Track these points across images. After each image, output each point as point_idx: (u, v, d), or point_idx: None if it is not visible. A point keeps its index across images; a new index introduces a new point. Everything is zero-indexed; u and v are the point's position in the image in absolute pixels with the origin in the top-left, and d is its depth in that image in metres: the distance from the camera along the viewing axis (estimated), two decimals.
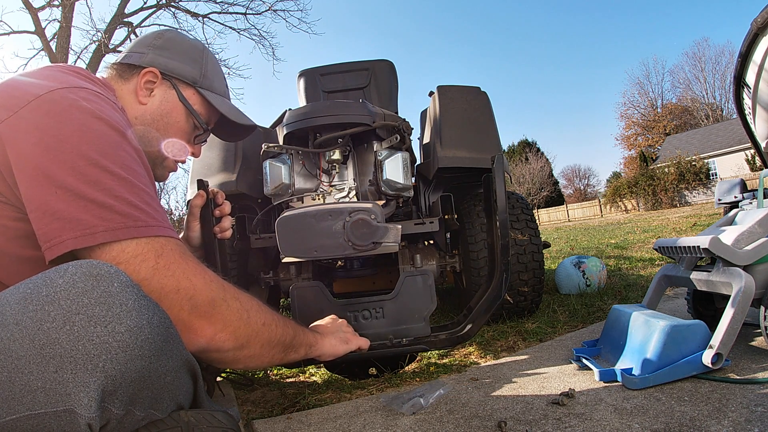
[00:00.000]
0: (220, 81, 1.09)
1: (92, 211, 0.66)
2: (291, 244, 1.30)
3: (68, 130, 0.68)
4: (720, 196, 1.66)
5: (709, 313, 1.46)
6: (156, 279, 0.69)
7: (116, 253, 0.67)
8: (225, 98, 1.10)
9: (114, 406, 0.56)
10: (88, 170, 0.67)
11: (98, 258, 0.66)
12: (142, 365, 0.58)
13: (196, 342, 0.73)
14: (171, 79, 0.99)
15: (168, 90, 0.98)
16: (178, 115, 0.99)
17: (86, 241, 0.65)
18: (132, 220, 0.69)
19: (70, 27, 10.53)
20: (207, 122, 1.06)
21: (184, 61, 1.01)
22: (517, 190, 29.60)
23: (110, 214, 0.67)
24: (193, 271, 0.74)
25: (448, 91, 1.93)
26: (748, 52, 1.55)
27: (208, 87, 1.04)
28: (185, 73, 1.00)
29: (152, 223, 0.71)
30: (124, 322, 0.57)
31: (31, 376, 0.52)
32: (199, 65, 1.03)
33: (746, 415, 0.90)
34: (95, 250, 0.67)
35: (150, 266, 0.69)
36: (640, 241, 5.32)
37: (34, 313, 0.53)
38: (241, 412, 1.27)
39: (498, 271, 1.38)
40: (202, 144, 1.11)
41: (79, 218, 0.65)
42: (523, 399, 1.14)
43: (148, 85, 0.96)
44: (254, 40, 12.84)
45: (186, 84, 1.01)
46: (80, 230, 0.65)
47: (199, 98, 1.02)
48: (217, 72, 1.09)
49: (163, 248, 0.71)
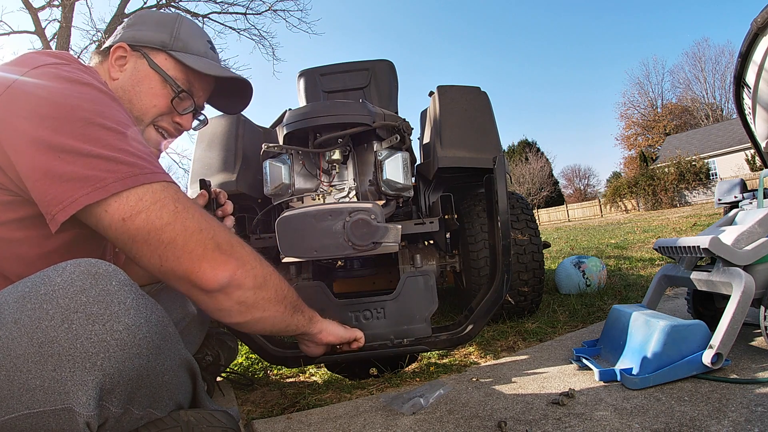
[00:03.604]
0: (199, 42, 1.04)
1: (99, 166, 0.66)
2: (291, 244, 1.30)
3: (59, 98, 0.68)
4: (720, 196, 1.65)
5: (709, 313, 1.46)
6: (179, 221, 0.71)
7: (134, 202, 0.67)
8: (206, 58, 1.04)
9: (112, 405, 0.56)
10: (86, 130, 0.67)
11: (114, 211, 0.66)
12: (140, 363, 0.58)
13: (220, 277, 0.75)
14: (140, 48, 0.96)
15: (138, 59, 0.96)
16: (151, 82, 0.96)
17: (98, 194, 0.65)
18: (139, 168, 0.69)
19: (70, 27, 10.52)
20: (188, 87, 1.01)
21: (153, 30, 0.98)
22: (517, 190, 29.58)
23: (117, 166, 0.67)
24: (207, 215, 0.78)
25: (448, 91, 1.93)
26: (748, 52, 1.55)
27: (182, 49, 0.99)
28: (154, 39, 0.97)
29: (158, 170, 0.72)
30: (123, 320, 0.57)
31: (29, 375, 0.52)
32: (169, 29, 0.99)
33: (746, 415, 0.90)
34: (110, 203, 0.66)
35: (171, 210, 0.70)
36: (640, 241, 5.32)
37: (33, 312, 0.53)
38: (241, 412, 1.27)
39: (499, 272, 1.38)
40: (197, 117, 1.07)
41: (87, 175, 0.65)
42: (523, 399, 1.14)
43: (119, 60, 0.95)
44: (254, 40, 12.85)
45: (156, 50, 0.97)
46: (91, 186, 0.65)
47: (172, 62, 0.98)
48: (195, 34, 1.04)
49: (177, 193, 0.74)
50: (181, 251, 0.70)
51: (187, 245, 0.70)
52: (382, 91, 2.63)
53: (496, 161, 1.41)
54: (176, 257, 0.70)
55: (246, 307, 0.80)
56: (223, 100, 1.15)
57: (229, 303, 0.78)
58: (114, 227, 0.67)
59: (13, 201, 0.70)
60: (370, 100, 2.50)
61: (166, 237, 0.69)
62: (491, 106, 1.96)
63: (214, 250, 0.74)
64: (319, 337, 1.07)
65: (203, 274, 0.72)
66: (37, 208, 0.68)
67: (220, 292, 0.75)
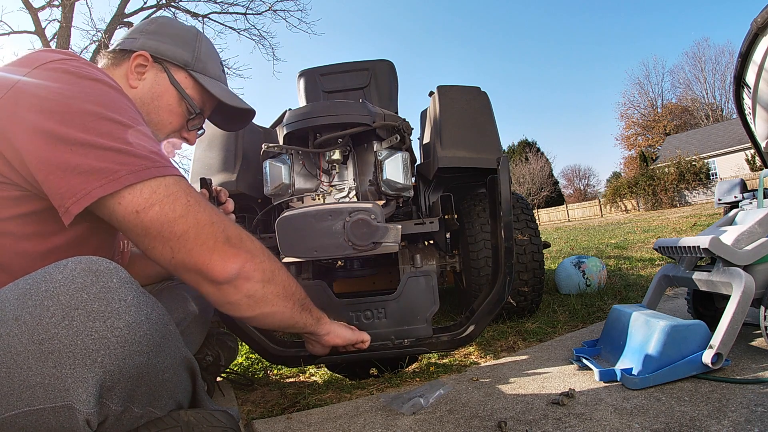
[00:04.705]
0: (215, 65, 1.07)
1: (111, 158, 0.66)
2: (291, 244, 1.30)
3: (69, 93, 0.68)
4: (720, 196, 1.66)
5: (709, 313, 1.46)
6: (191, 214, 0.72)
7: (148, 195, 0.68)
8: (220, 82, 1.08)
9: (112, 402, 0.56)
10: (97, 124, 0.67)
11: (128, 203, 0.67)
12: (140, 361, 0.58)
13: (229, 269, 0.75)
14: (162, 62, 0.97)
15: (159, 73, 0.97)
16: (169, 98, 0.98)
17: (112, 186, 0.65)
18: (151, 161, 0.70)
19: (70, 27, 10.53)
20: (201, 107, 1.04)
21: (176, 45, 0.99)
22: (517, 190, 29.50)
23: (129, 158, 0.68)
24: (216, 209, 0.79)
25: (448, 91, 1.93)
26: (748, 52, 1.55)
27: (201, 70, 1.02)
28: (177, 56, 0.99)
29: (169, 164, 0.73)
30: (123, 317, 0.57)
31: (29, 372, 0.52)
32: (191, 48, 1.01)
33: (746, 415, 0.90)
34: (124, 195, 0.67)
35: (183, 203, 0.71)
36: (640, 241, 5.32)
37: (33, 309, 0.53)
38: (241, 412, 1.27)
39: (502, 273, 1.38)
40: (198, 132, 1.09)
41: (100, 168, 0.65)
42: (523, 399, 1.14)
43: (139, 68, 0.95)
44: (254, 40, 12.85)
45: (178, 67, 0.99)
46: (104, 178, 0.65)
47: (191, 81, 1.01)
48: (212, 56, 1.07)
49: (189, 187, 0.75)
50: (192, 243, 0.71)
51: (198, 237, 0.72)
52: (382, 91, 2.63)
53: (500, 162, 1.41)
54: (188, 249, 0.71)
55: (254, 301, 0.81)
56: (223, 117, 1.17)
57: (237, 296, 0.78)
58: (127, 219, 0.68)
59: (21, 197, 0.70)
60: (370, 100, 2.50)
61: (179, 229, 0.70)
62: (491, 106, 1.96)
63: (224, 242, 0.75)
64: (326, 339, 1.08)
65: (213, 265, 0.73)
66: (44, 204, 0.69)
67: (229, 284, 0.76)
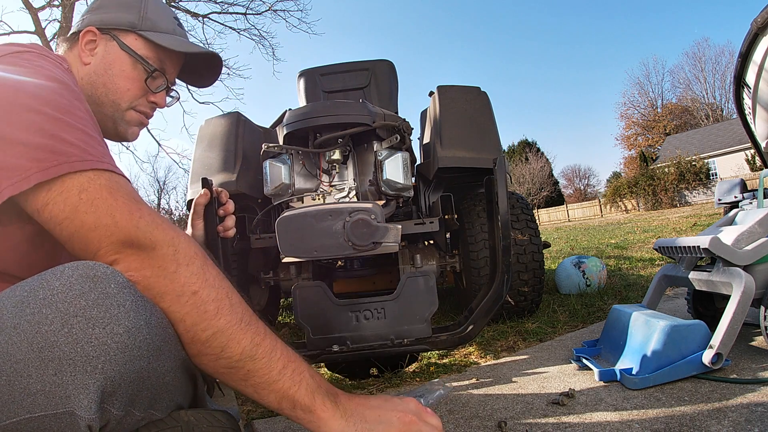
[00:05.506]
0: (166, 20, 1.05)
1: (27, 154, 0.63)
2: (291, 244, 1.30)
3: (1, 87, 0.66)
4: (720, 196, 1.66)
5: (709, 313, 1.46)
6: (78, 215, 0.65)
7: (45, 193, 0.64)
8: (175, 35, 1.05)
9: (113, 407, 0.56)
10: (22, 116, 0.65)
11: (37, 202, 0.64)
12: (140, 366, 0.58)
13: None
14: (109, 31, 0.96)
15: (108, 42, 0.96)
16: (122, 65, 0.96)
17: (21, 185, 0.63)
18: (65, 156, 0.65)
19: (70, 27, 10.44)
20: (160, 66, 1.02)
21: (119, 11, 0.99)
22: (517, 190, 29.59)
23: (44, 154, 0.64)
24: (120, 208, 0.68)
25: (448, 91, 1.93)
26: (748, 52, 1.55)
27: (150, 28, 1.00)
28: (122, 21, 0.98)
29: (87, 157, 0.67)
30: (123, 323, 0.56)
31: (30, 380, 0.52)
32: (136, 9, 1.00)
33: (746, 415, 0.90)
34: (38, 194, 0.64)
35: (74, 203, 0.64)
36: (640, 241, 5.32)
37: (32, 317, 0.53)
38: (241, 412, 1.27)
39: (499, 272, 1.38)
40: (167, 94, 1.07)
41: (15, 164, 0.63)
42: (523, 399, 1.14)
43: (89, 45, 0.95)
44: (254, 40, 12.81)
45: (125, 31, 0.98)
46: (17, 176, 0.63)
47: (142, 41, 0.99)
48: (161, 12, 1.05)
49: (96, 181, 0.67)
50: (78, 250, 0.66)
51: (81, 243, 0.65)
52: (382, 91, 2.63)
53: (497, 162, 1.41)
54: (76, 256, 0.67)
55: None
56: (194, 75, 1.16)
57: None
58: (36, 218, 0.66)
59: None
60: (370, 100, 2.51)
61: (66, 233, 0.65)
62: (491, 106, 1.96)
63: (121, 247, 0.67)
64: None
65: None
66: None
67: None
